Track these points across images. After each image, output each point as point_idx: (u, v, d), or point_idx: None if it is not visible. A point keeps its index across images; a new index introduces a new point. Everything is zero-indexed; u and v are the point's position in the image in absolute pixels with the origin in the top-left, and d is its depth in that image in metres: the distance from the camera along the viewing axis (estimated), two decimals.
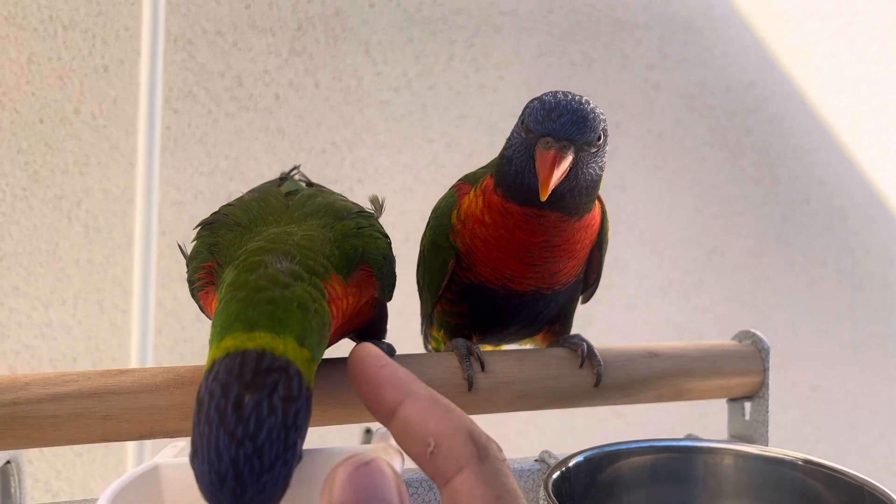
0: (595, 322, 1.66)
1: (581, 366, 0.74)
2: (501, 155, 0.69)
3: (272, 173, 1.43)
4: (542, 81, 1.65)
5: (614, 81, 1.69)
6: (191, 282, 0.60)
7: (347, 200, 0.68)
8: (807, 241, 1.89)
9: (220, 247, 0.58)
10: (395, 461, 0.33)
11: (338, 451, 0.40)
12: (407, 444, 0.34)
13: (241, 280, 0.49)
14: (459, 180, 0.77)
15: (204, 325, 1.43)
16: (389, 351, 0.69)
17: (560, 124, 0.63)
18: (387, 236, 0.66)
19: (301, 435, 0.42)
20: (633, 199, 1.69)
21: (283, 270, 0.50)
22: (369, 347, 0.36)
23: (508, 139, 0.68)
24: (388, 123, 1.54)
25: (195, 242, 0.62)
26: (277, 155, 1.47)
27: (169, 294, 1.40)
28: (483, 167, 0.76)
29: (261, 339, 0.44)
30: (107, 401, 0.59)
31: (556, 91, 0.66)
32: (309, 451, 0.42)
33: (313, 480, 0.32)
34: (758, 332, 0.81)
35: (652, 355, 0.77)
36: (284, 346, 0.44)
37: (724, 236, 1.81)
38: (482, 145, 1.58)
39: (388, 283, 0.63)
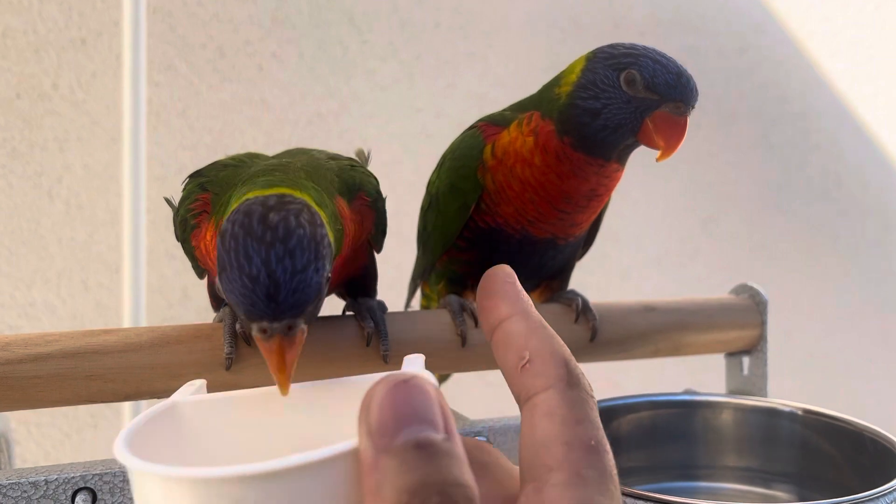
0: (589, 292, 1.64)
1: (576, 320, 0.72)
2: (574, 105, 0.66)
3: (257, 146, 1.40)
4: (530, 49, 1.63)
5: None
6: (184, 218, 0.58)
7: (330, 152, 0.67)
8: (802, 207, 1.89)
9: (213, 182, 0.57)
10: (433, 381, 0.31)
11: (371, 378, 0.38)
12: (503, 354, 0.33)
13: (254, 177, 0.51)
14: (481, 121, 0.74)
15: (192, 303, 1.41)
16: (381, 308, 0.67)
17: (689, 91, 0.64)
18: (376, 178, 0.65)
19: (328, 260, 0.42)
20: (625, 167, 1.67)
21: (292, 177, 0.51)
22: (506, 267, 0.37)
23: (593, 92, 0.65)
24: (374, 93, 1.52)
25: (184, 191, 0.61)
26: (262, 127, 1.45)
27: (155, 272, 1.38)
28: (506, 110, 0.74)
29: (281, 189, 0.45)
30: (91, 360, 0.57)
31: (657, 50, 0.65)
32: (341, 380, 0.41)
33: (348, 409, 0.31)
34: (755, 286, 0.80)
35: (649, 310, 0.76)
36: (305, 197, 0.46)
37: (719, 204, 1.81)
38: (471, 114, 1.55)
39: (383, 221, 0.62)
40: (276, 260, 0.39)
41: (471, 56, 1.58)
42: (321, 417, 0.40)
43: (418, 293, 0.86)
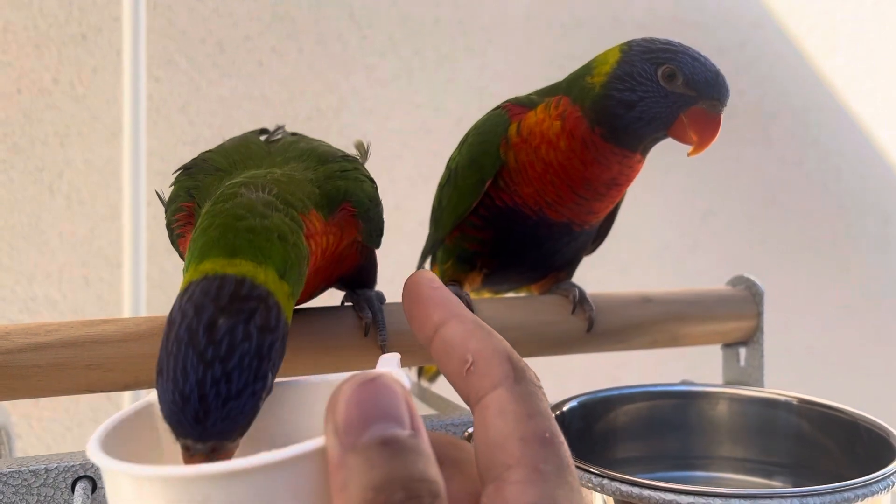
0: (588, 287, 1.65)
1: (573, 312, 0.73)
2: (609, 96, 0.66)
3: None
4: (530, 44, 1.63)
5: (604, 43, 1.66)
6: (169, 225, 0.59)
7: (331, 146, 0.67)
8: (801, 201, 1.89)
9: (200, 189, 0.56)
10: (402, 379, 0.32)
11: (342, 377, 0.39)
12: (445, 361, 0.33)
13: (218, 208, 0.48)
14: (508, 102, 0.74)
15: None
16: (380, 298, 0.68)
17: (725, 90, 0.66)
18: (373, 180, 0.64)
19: (273, 368, 0.40)
20: None
21: (258, 200, 0.48)
22: (426, 272, 0.37)
23: (629, 84, 0.66)
24: (374, 89, 1.52)
25: (173, 187, 0.61)
26: (262, 123, 1.43)
27: (155, 266, 1.38)
28: (532, 94, 0.74)
29: (242, 267, 0.42)
30: (90, 350, 0.58)
31: (691, 48, 0.67)
32: (309, 379, 0.41)
33: (315, 409, 0.32)
34: (752, 277, 0.80)
35: (646, 300, 0.76)
36: (265, 277, 0.43)
37: (718, 198, 1.81)
38: (471, 110, 1.55)
39: (374, 227, 0.61)
40: (210, 382, 0.37)
41: (470, 51, 1.59)
42: (296, 415, 0.40)
43: None
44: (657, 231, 1.76)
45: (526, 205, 0.71)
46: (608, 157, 0.68)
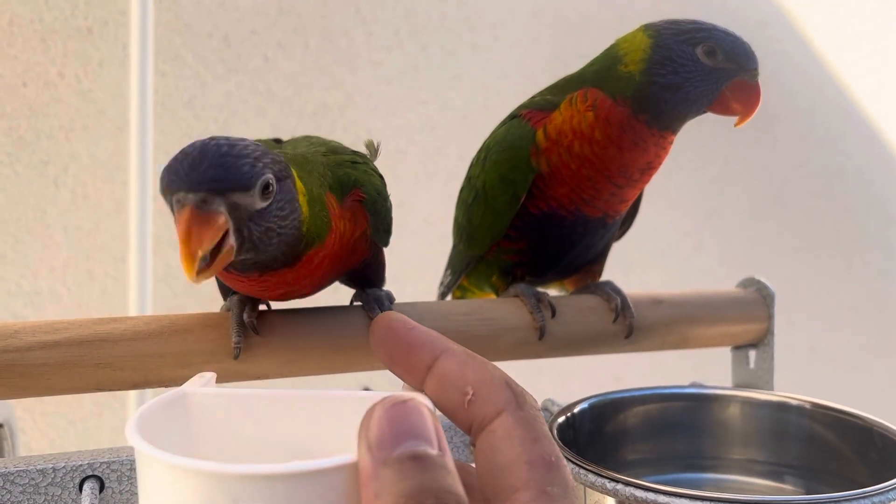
0: None
1: (615, 321, 0.72)
2: (653, 82, 0.67)
3: (262, 136, 1.40)
4: (536, 40, 1.62)
5: (611, 39, 1.66)
6: None
7: (342, 144, 0.67)
8: (805, 202, 1.88)
9: None
10: (430, 404, 0.33)
11: (369, 396, 0.39)
12: (444, 397, 0.34)
13: None
14: (523, 109, 0.74)
15: (197, 292, 1.41)
16: (389, 298, 0.67)
17: (757, 59, 0.68)
18: (382, 177, 0.64)
19: (270, 170, 0.43)
20: None
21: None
22: (392, 314, 0.38)
23: (671, 68, 0.67)
24: (379, 85, 1.51)
25: None
26: (267, 118, 1.44)
27: (161, 261, 1.38)
28: (545, 94, 0.74)
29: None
30: (99, 348, 0.57)
31: (718, 24, 0.70)
32: (326, 393, 0.41)
33: (341, 424, 0.34)
34: (762, 279, 0.80)
35: (656, 302, 0.75)
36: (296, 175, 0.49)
37: (722, 198, 1.80)
38: (476, 106, 1.56)
39: (382, 222, 0.61)
40: (214, 144, 0.40)
41: (476, 48, 1.58)
42: (314, 429, 0.40)
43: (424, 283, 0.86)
44: (661, 231, 1.75)
45: (562, 206, 0.71)
46: (646, 139, 0.68)
